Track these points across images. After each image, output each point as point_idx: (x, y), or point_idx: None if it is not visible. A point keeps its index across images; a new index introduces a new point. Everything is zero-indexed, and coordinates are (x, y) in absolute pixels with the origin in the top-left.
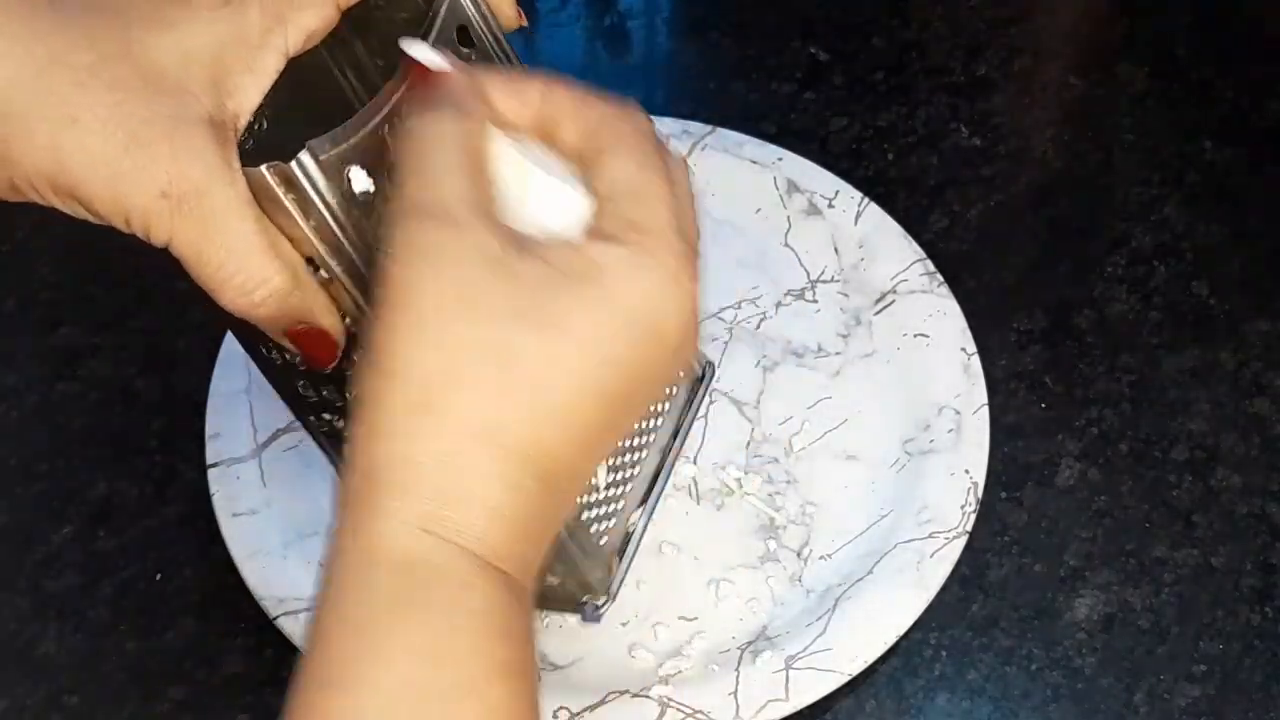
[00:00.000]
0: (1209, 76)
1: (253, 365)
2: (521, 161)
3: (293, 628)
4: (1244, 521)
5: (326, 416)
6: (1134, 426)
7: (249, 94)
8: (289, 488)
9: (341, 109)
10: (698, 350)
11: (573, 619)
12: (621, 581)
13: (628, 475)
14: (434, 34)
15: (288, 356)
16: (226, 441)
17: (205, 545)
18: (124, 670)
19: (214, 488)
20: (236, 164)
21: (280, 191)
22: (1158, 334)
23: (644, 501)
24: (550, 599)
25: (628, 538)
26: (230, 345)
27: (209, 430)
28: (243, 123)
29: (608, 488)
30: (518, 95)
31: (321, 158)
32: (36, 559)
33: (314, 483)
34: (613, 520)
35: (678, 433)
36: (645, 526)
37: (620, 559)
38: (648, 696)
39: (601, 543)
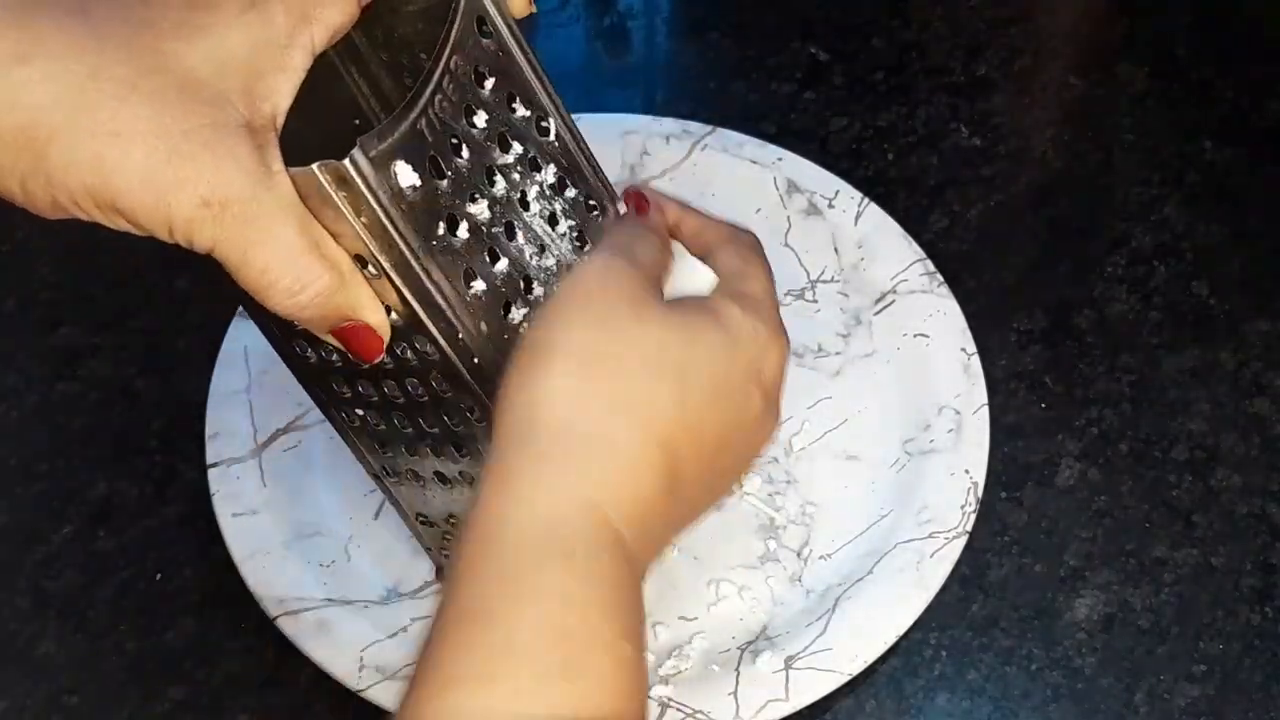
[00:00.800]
0: (1209, 77)
1: (252, 366)
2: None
3: (292, 627)
4: (1244, 521)
5: (359, 412)
6: (1134, 426)
7: (283, 94)
8: (289, 488)
9: (346, 104)
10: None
11: None
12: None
13: None
14: (457, 26)
15: (323, 354)
16: (226, 441)
17: (205, 545)
18: (124, 670)
19: (214, 488)
20: (278, 165)
21: (332, 190)
22: (1158, 334)
23: None
24: None
25: None
26: (230, 345)
27: (209, 430)
28: (280, 121)
29: None
30: (669, 209)
31: (372, 154)
32: (36, 559)
33: (314, 483)
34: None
35: None
36: None
37: None
38: (648, 697)
39: None
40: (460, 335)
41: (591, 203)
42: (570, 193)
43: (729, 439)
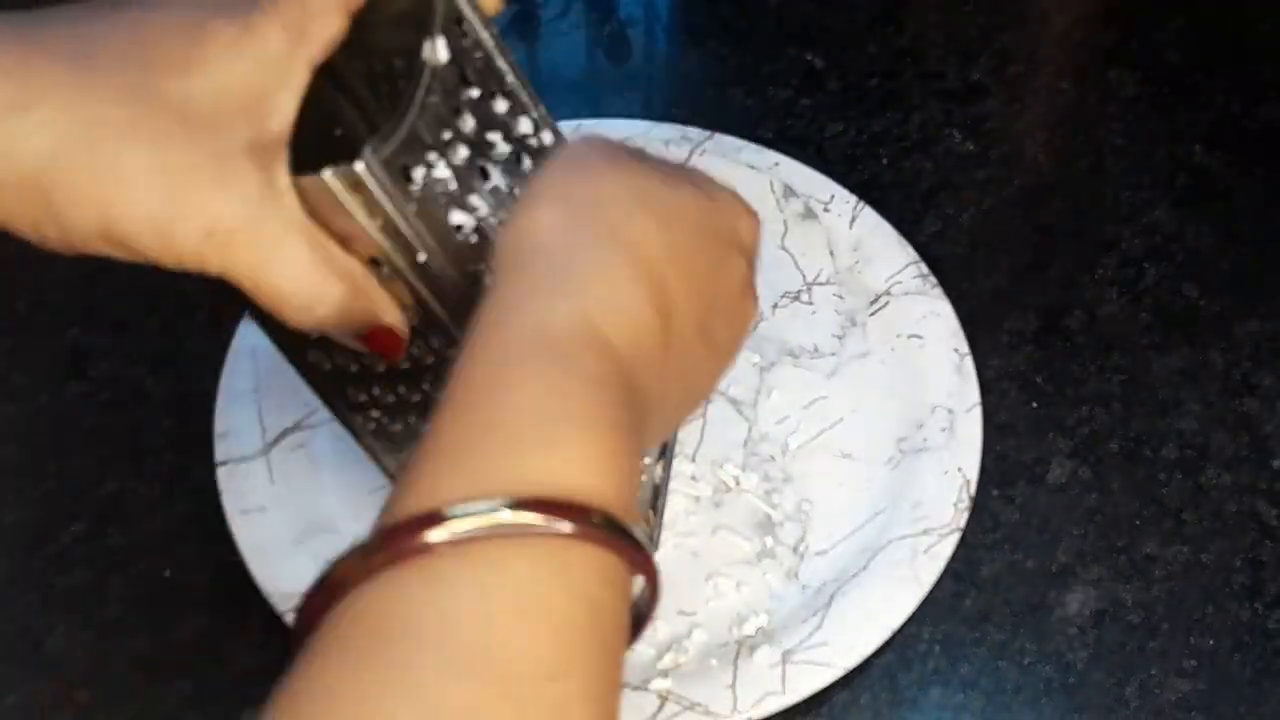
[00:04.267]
0: (1199, 82)
1: (261, 365)
2: None
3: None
4: (1233, 519)
5: (375, 414)
6: (1124, 425)
7: (287, 110)
8: (297, 485)
9: (326, 116)
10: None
11: None
12: (660, 530)
13: None
14: (437, 27)
15: (338, 361)
16: (235, 440)
17: (214, 542)
18: (133, 666)
19: (223, 486)
20: (284, 182)
21: (345, 195)
22: (1148, 335)
23: (661, 456)
24: None
25: (656, 490)
26: (239, 345)
27: (218, 429)
28: (287, 137)
29: None
30: None
31: (384, 156)
32: (47, 556)
33: (322, 480)
34: (641, 475)
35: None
36: (668, 477)
37: (655, 511)
38: (647, 689)
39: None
40: None
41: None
42: None
43: (715, 296)
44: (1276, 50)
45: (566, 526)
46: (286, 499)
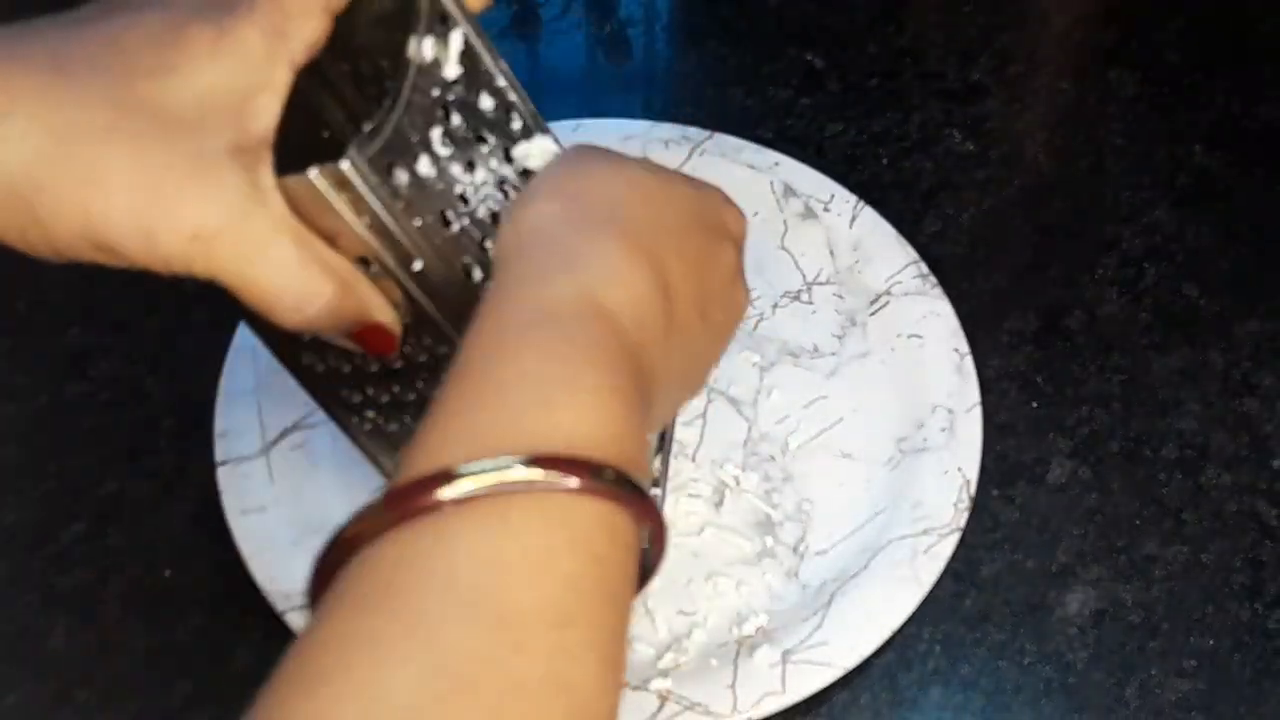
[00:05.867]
0: (1199, 81)
1: (260, 364)
2: None
3: (300, 623)
4: (1233, 519)
5: (370, 415)
6: (1124, 425)
7: (269, 111)
8: (297, 485)
9: (311, 118)
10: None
11: None
12: (666, 477)
13: None
14: (422, 25)
15: (331, 363)
16: (235, 440)
17: (214, 542)
18: (133, 665)
19: (223, 485)
20: (269, 184)
21: (332, 193)
22: (1148, 335)
23: (659, 450)
24: None
25: (654, 483)
26: (238, 345)
27: (218, 429)
28: (270, 138)
29: None
30: None
31: (369, 154)
32: (47, 556)
33: (321, 480)
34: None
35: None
36: (667, 474)
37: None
38: (646, 689)
39: None
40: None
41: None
42: None
43: (709, 279)
44: (1276, 50)
45: (573, 482)
46: (286, 499)
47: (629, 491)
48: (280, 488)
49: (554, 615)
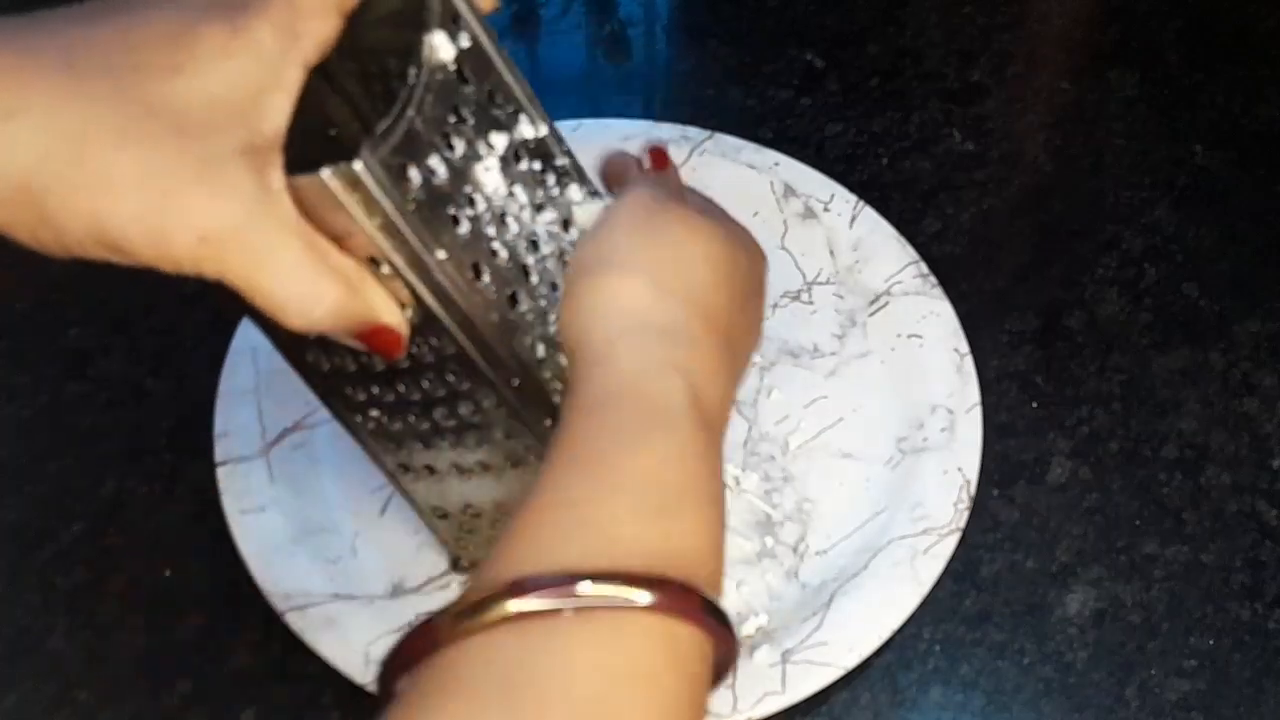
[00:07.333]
0: (1199, 81)
1: (260, 365)
2: None
3: (300, 623)
4: (1233, 519)
5: (374, 413)
6: (1124, 425)
7: (281, 110)
8: (296, 485)
9: (319, 117)
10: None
11: None
12: None
13: None
14: (433, 25)
15: (336, 361)
16: (235, 440)
17: (213, 542)
18: (133, 665)
19: (222, 485)
20: (278, 185)
21: (344, 194)
22: (1148, 334)
23: None
24: None
25: None
26: (238, 345)
27: (217, 429)
28: (282, 138)
29: None
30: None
31: (380, 154)
32: (47, 555)
33: (321, 480)
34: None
35: None
36: None
37: None
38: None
39: None
40: (476, 327)
41: (570, 193)
42: (550, 183)
43: (752, 338)
44: (1276, 50)
45: (680, 608)
46: (286, 499)
47: (721, 625)
48: (280, 488)
49: None
